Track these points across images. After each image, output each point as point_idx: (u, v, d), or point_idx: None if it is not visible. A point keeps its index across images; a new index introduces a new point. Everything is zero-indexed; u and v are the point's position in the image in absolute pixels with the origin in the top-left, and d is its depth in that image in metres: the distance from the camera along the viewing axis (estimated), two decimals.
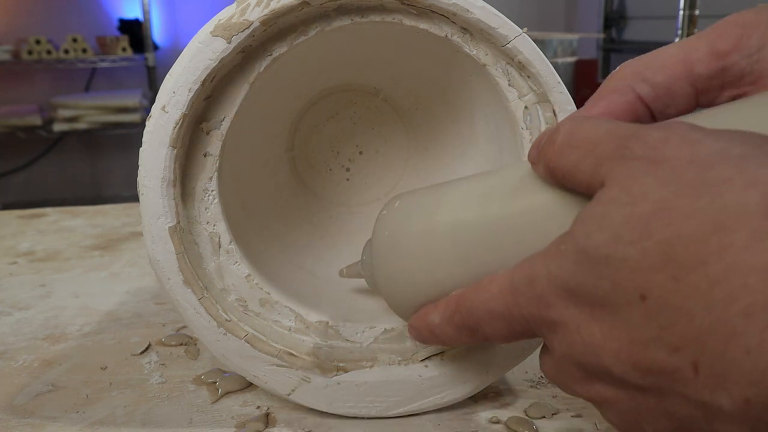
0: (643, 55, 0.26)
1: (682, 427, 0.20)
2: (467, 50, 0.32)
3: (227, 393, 0.36)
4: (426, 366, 0.33)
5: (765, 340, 0.17)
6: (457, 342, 0.28)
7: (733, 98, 0.25)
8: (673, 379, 0.19)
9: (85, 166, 2.71)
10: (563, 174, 0.23)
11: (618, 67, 0.27)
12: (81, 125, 2.34)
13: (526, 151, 0.33)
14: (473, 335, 0.27)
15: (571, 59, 2.26)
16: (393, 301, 0.31)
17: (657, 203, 0.19)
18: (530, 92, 0.33)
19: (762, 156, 0.18)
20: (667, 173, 0.19)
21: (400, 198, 0.31)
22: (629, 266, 0.19)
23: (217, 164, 0.32)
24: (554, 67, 0.32)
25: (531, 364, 0.38)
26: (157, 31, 2.58)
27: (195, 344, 0.42)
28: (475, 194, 0.28)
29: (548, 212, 0.25)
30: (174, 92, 0.30)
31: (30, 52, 2.31)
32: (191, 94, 0.30)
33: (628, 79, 0.26)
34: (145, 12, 2.38)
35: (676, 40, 0.99)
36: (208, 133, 0.32)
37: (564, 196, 0.24)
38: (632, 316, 0.19)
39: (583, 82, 2.31)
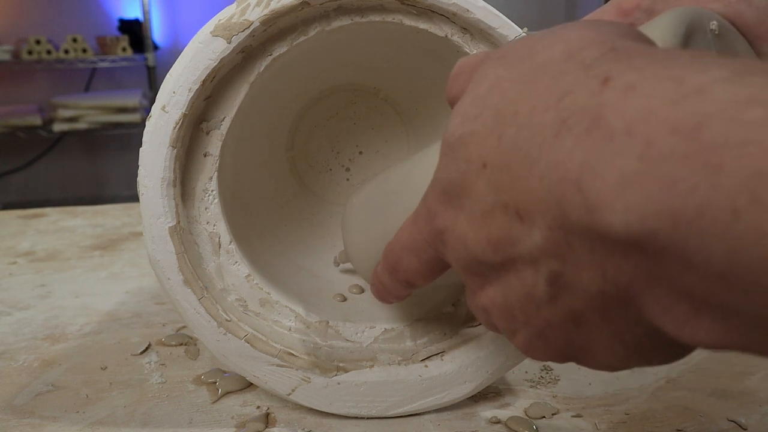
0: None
1: (536, 303, 0.19)
2: (467, 50, 0.32)
3: (227, 393, 0.36)
4: (426, 366, 0.33)
5: (551, 161, 0.16)
6: (395, 290, 0.28)
7: None
8: (513, 241, 0.18)
9: (85, 166, 2.71)
10: (455, 103, 0.24)
11: None
12: (81, 125, 2.34)
13: None
14: (396, 276, 0.27)
15: None
16: (356, 262, 0.33)
17: (493, 80, 0.20)
18: None
19: (579, 24, 0.20)
20: (507, 60, 0.20)
21: (373, 176, 0.35)
22: (475, 140, 0.20)
23: (217, 164, 0.32)
24: None
25: (531, 364, 0.38)
26: (157, 31, 2.58)
27: (195, 344, 0.42)
28: (416, 156, 0.30)
29: None
30: (174, 92, 0.30)
31: (30, 52, 2.30)
32: (191, 94, 0.30)
33: None
34: (145, 12, 2.37)
35: None
36: (208, 133, 0.32)
37: None
38: (480, 189, 0.19)
39: None
